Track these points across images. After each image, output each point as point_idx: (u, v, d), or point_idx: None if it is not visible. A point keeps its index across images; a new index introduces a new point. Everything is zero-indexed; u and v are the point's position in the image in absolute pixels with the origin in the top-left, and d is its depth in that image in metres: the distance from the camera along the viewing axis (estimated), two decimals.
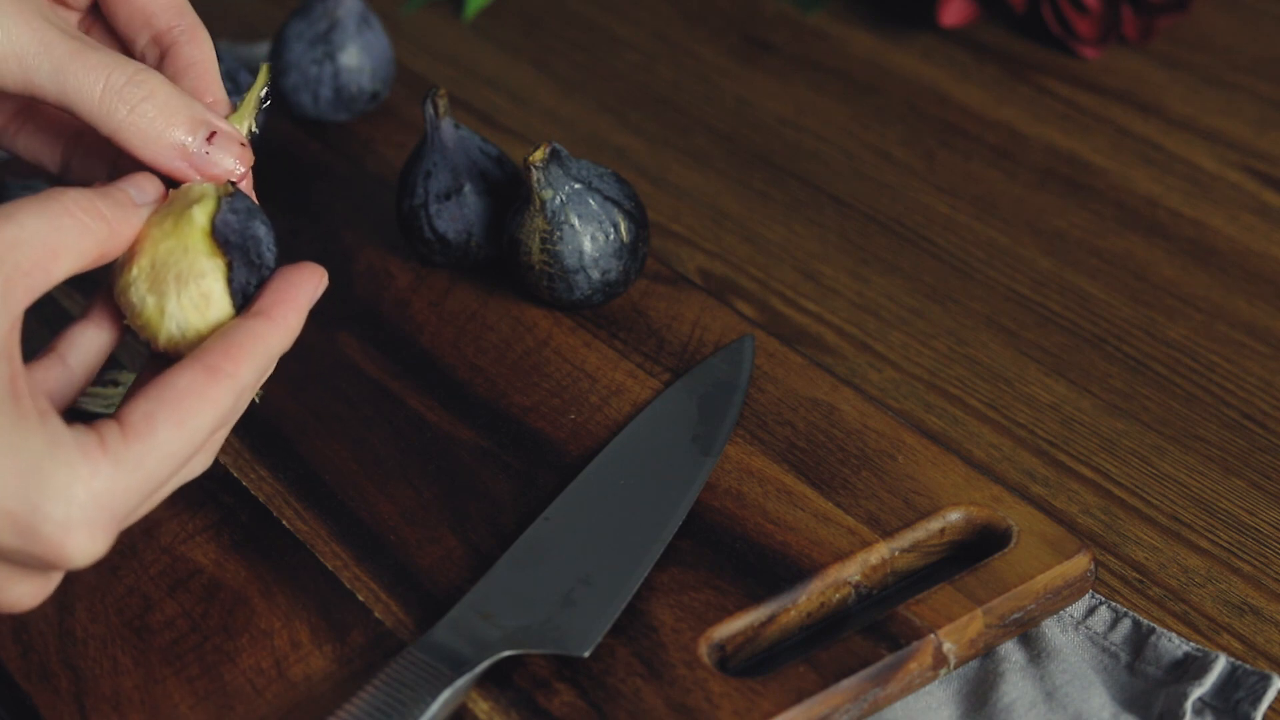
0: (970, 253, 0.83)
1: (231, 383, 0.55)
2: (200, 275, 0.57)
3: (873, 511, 0.64)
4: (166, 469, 0.54)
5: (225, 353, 0.55)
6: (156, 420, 0.54)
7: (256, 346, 0.56)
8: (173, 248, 0.57)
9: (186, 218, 0.57)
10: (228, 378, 0.55)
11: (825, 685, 0.58)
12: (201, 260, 0.57)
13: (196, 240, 0.57)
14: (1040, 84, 0.96)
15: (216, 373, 0.55)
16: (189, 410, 0.54)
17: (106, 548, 0.53)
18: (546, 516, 0.64)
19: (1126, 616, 0.63)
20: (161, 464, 0.54)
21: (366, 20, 0.87)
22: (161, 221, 0.58)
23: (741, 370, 0.71)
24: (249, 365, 0.55)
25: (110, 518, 0.53)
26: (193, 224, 0.57)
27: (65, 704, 0.59)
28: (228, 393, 0.55)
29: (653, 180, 0.89)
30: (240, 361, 0.55)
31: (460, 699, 0.57)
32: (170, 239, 0.57)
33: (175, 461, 0.54)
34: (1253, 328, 0.77)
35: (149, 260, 0.57)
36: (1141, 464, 0.70)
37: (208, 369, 0.55)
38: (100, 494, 0.52)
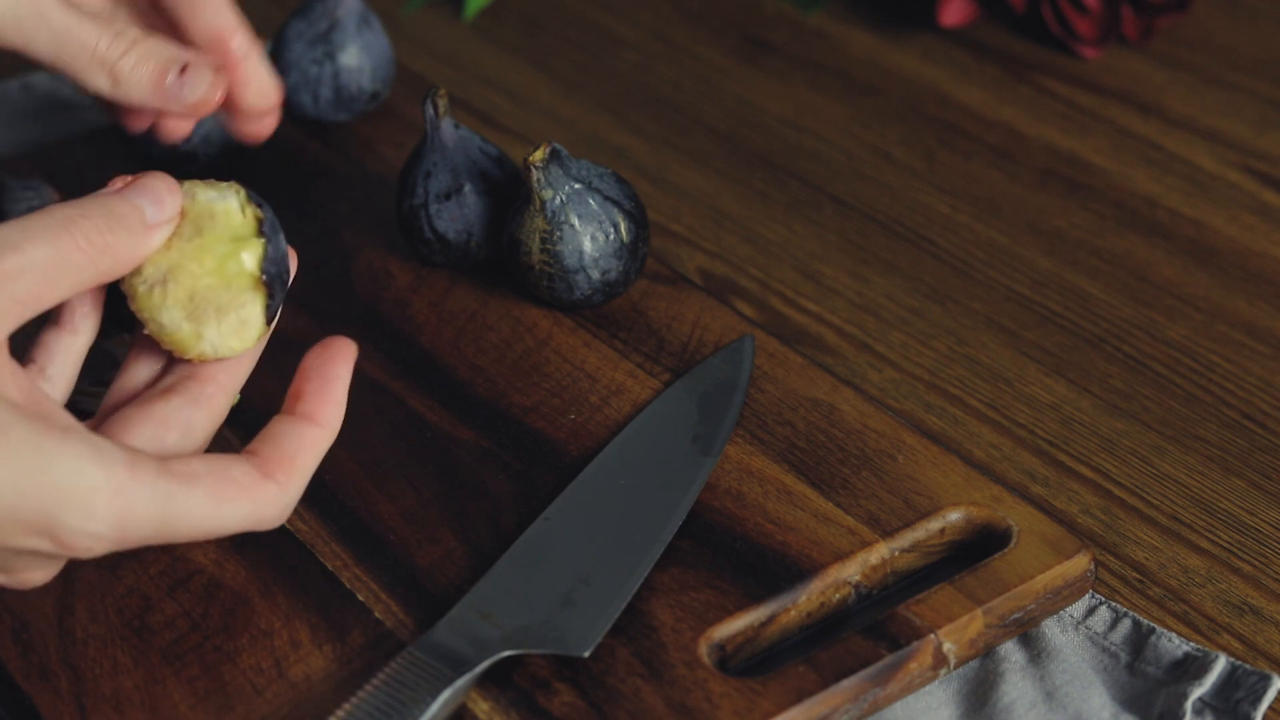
0: (970, 253, 0.83)
1: (279, 494, 0.56)
2: (241, 306, 0.58)
3: (873, 511, 0.64)
4: (184, 525, 0.54)
5: (279, 463, 0.56)
6: (197, 482, 0.54)
7: (306, 456, 0.57)
8: (214, 285, 0.57)
9: (230, 262, 0.57)
10: (277, 488, 0.56)
11: (825, 685, 0.58)
12: (244, 294, 0.58)
13: (243, 283, 0.58)
14: (1040, 84, 0.96)
15: (270, 481, 0.56)
16: (230, 495, 0.55)
17: (115, 548, 0.54)
18: (546, 516, 0.64)
19: (1126, 616, 0.63)
20: (183, 517, 0.54)
21: (366, 20, 0.87)
22: (195, 254, 0.57)
23: (741, 370, 0.71)
24: (301, 476, 0.57)
25: (122, 534, 0.53)
26: (240, 267, 0.58)
27: (65, 704, 0.59)
28: (272, 501, 0.56)
29: (653, 180, 0.89)
30: (292, 475, 0.56)
31: (460, 699, 0.57)
32: (212, 277, 0.57)
33: (194, 526, 0.54)
34: (1253, 328, 0.77)
35: (186, 293, 0.57)
36: (1141, 464, 0.70)
37: (264, 475, 0.56)
38: (118, 510, 0.53)
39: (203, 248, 0.57)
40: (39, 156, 0.87)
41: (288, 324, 0.74)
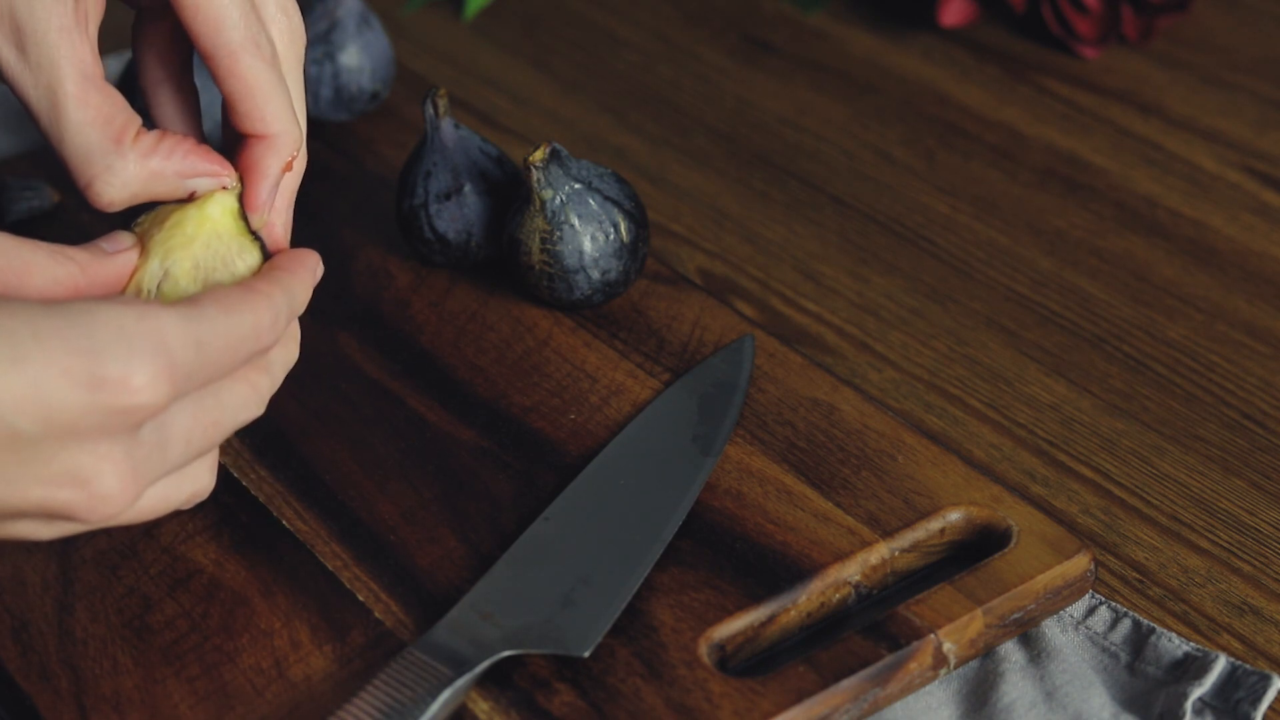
0: (970, 253, 0.83)
1: (268, 300, 0.56)
2: (242, 251, 0.59)
3: (873, 511, 0.64)
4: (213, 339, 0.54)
5: (260, 278, 0.57)
6: (202, 301, 0.54)
7: (283, 278, 0.58)
8: (209, 241, 0.59)
9: (207, 212, 0.59)
10: (264, 295, 0.56)
11: (825, 685, 0.58)
12: (239, 240, 0.59)
13: (229, 222, 0.59)
14: (1040, 84, 0.96)
15: (253, 290, 0.56)
16: (232, 304, 0.55)
17: (172, 392, 0.52)
18: (546, 516, 0.64)
19: (1126, 616, 0.63)
20: (208, 332, 0.54)
21: (366, 20, 0.87)
22: (168, 240, 0.59)
23: (741, 370, 0.71)
24: (280, 290, 0.57)
25: (169, 357, 0.52)
26: (221, 207, 0.59)
27: (65, 704, 0.59)
28: (267, 307, 0.56)
29: (653, 180, 0.89)
30: (273, 285, 0.57)
31: (460, 699, 0.57)
32: (199, 240, 0.59)
33: (222, 340, 0.54)
34: (1253, 328, 0.77)
35: (190, 264, 0.58)
36: (1141, 464, 0.70)
37: (245, 288, 0.56)
38: (152, 330, 0.52)
39: (178, 221, 0.59)
40: (39, 156, 0.87)
41: None
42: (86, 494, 0.52)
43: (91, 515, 0.53)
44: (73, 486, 0.52)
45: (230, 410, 0.57)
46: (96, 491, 0.52)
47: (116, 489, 0.53)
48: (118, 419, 0.52)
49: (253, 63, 0.60)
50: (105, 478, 0.52)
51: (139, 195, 0.60)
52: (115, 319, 0.52)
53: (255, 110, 0.60)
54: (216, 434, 0.56)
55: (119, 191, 0.59)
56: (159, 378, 0.52)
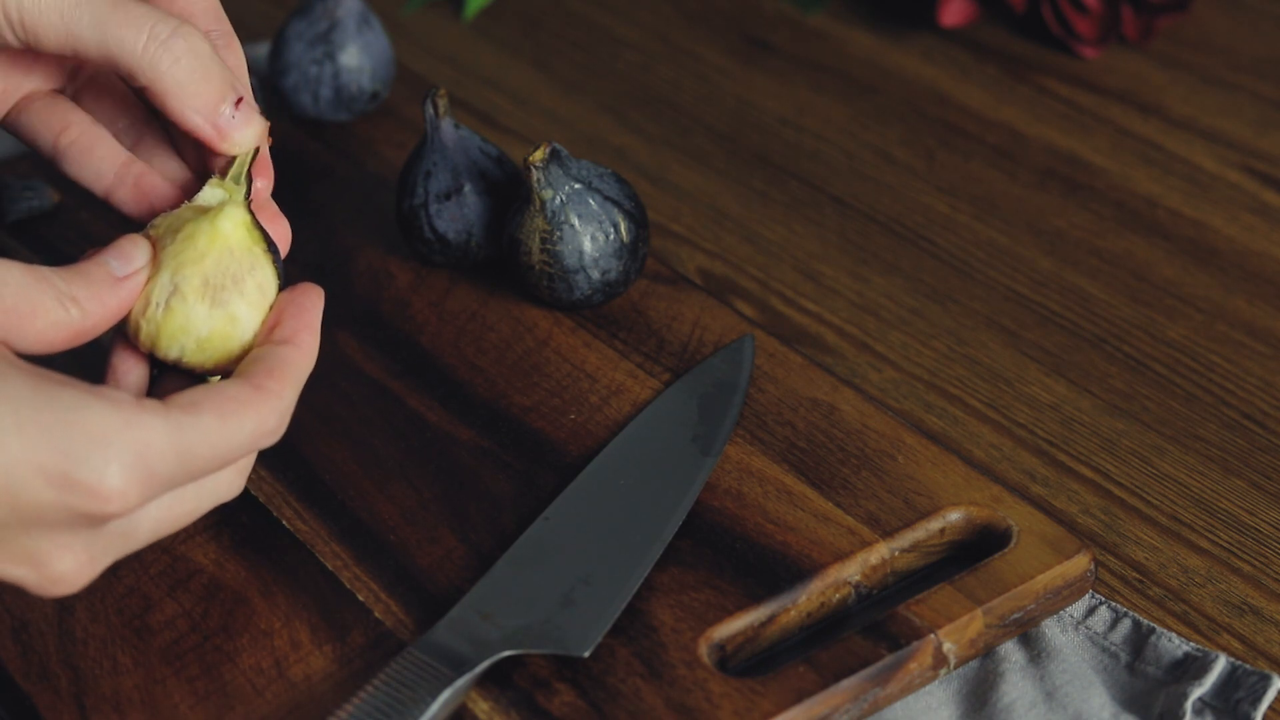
0: (970, 253, 0.83)
1: (276, 402, 0.55)
2: (252, 267, 0.58)
3: (873, 511, 0.64)
4: (202, 451, 0.54)
5: (269, 373, 0.56)
6: (202, 407, 0.54)
7: (290, 371, 0.57)
8: (219, 256, 0.58)
9: (219, 227, 0.58)
10: (274, 396, 0.55)
11: (825, 685, 0.58)
12: (247, 253, 0.58)
13: (241, 236, 0.58)
14: (1040, 84, 0.96)
15: (263, 390, 0.55)
16: (234, 411, 0.54)
17: (142, 499, 0.52)
18: (546, 516, 0.64)
19: (1126, 616, 0.63)
20: (198, 443, 0.53)
21: (366, 20, 0.87)
22: (180, 253, 0.58)
23: (741, 370, 0.71)
24: (290, 387, 0.56)
25: (146, 471, 0.52)
26: (232, 221, 0.58)
27: (65, 704, 0.59)
28: (272, 410, 0.55)
29: (653, 180, 0.89)
30: (284, 382, 0.56)
31: (460, 699, 0.57)
32: (209, 256, 0.58)
33: (212, 451, 0.54)
34: (1253, 328, 0.77)
35: (199, 281, 0.57)
36: (1141, 464, 0.70)
37: (255, 387, 0.55)
38: (135, 441, 0.52)
39: (190, 235, 0.58)
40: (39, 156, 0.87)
41: None
42: (39, 575, 0.54)
43: (43, 592, 0.54)
44: (28, 565, 0.53)
45: (208, 496, 0.57)
46: (49, 574, 0.54)
47: (71, 573, 0.54)
48: (85, 519, 0.52)
49: (239, 48, 0.62)
50: (62, 563, 0.53)
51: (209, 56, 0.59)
52: (100, 422, 0.52)
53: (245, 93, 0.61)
54: (190, 518, 0.57)
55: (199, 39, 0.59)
56: (131, 489, 0.52)
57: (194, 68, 0.59)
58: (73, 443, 0.51)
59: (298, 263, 0.78)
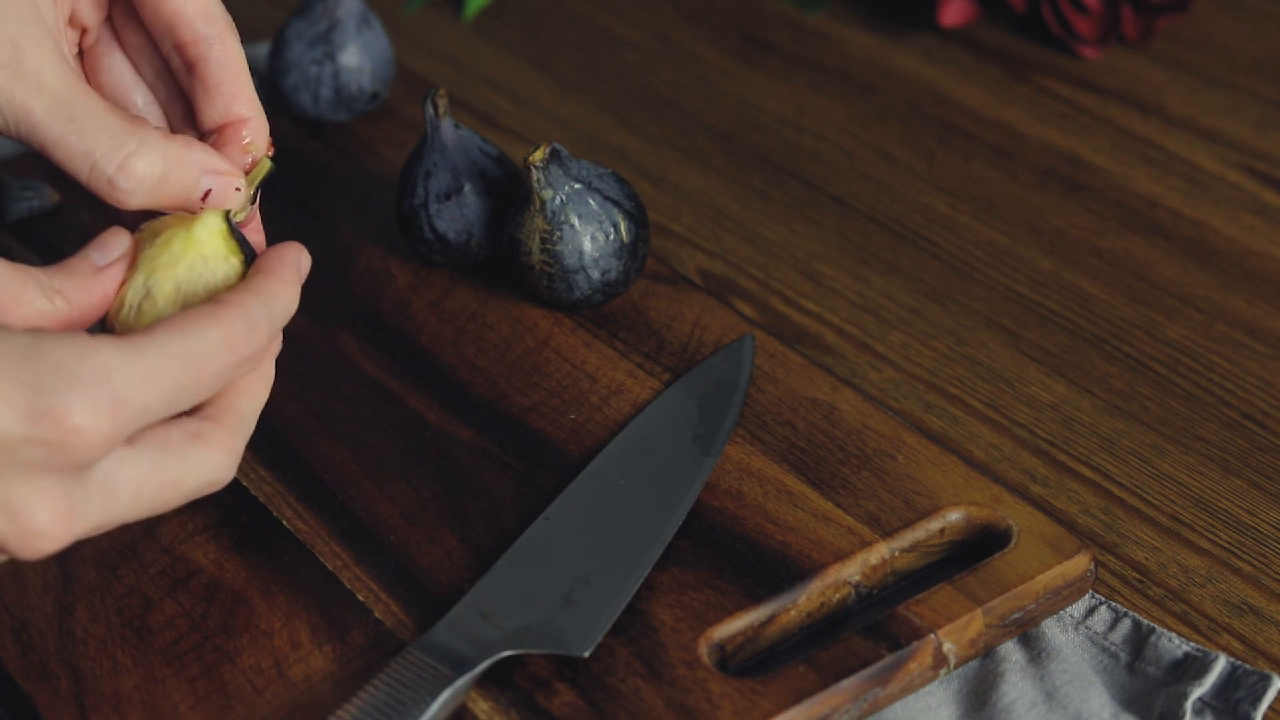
0: (970, 253, 0.83)
1: (239, 311, 0.55)
2: (226, 277, 0.58)
3: (873, 511, 0.64)
4: (167, 366, 0.53)
5: (231, 290, 0.56)
6: (156, 327, 0.54)
7: (258, 284, 0.57)
8: (192, 263, 0.58)
9: (194, 234, 0.58)
10: (234, 306, 0.55)
11: (825, 685, 0.58)
12: (222, 263, 0.58)
13: (216, 245, 0.58)
14: (1040, 84, 0.96)
15: (221, 302, 0.55)
16: (191, 323, 0.54)
17: (115, 427, 0.52)
18: (546, 516, 0.64)
19: (1126, 616, 0.63)
20: (160, 358, 0.53)
21: (366, 20, 0.87)
22: (156, 257, 0.58)
23: (741, 370, 0.71)
24: (254, 298, 0.56)
25: (111, 393, 0.52)
26: (208, 229, 0.58)
27: (65, 704, 0.59)
28: (234, 318, 0.55)
29: (653, 180, 0.89)
30: (245, 294, 0.56)
31: (460, 699, 0.57)
32: (185, 256, 0.58)
33: (176, 363, 0.53)
34: (1253, 328, 0.77)
35: (171, 287, 0.58)
36: (1141, 464, 0.70)
37: (214, 300, 0.55)
38: (99, 368, 0.51)
39: (167, 239, 0.58)
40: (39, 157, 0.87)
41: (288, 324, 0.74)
42: (16, 527, 0.52)
43: (21, 549, 0.53)
44: (4, 516, 0.52)
45: (194, 471, 0.56)
46: (27, 525, 0.52)
47: (48, 525, 0.52)
48: (59, 455, 0.51)
49: (236, 44, 0.61)
50: (38, 512, 0.52)
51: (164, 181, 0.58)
52: (60, 354, 0.51)
53: (241, 91, 0.61)
54: (174, 495, 0.56)
55: (150, 168, 0.58)
56: (100, 412, 0.51)
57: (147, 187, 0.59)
58: (38, 375, 0.51)
59: None
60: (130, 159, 0.58)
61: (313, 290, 0.76)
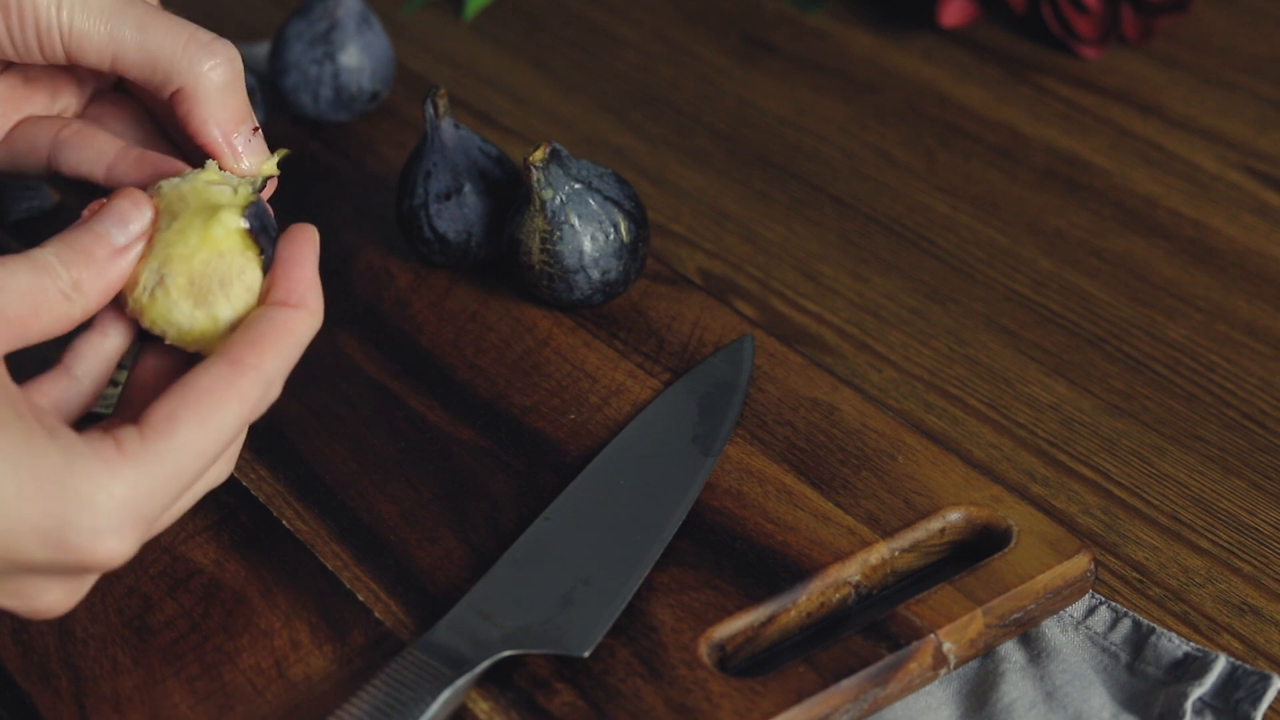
0: (970, 253, 0.83)
1: (256, 375, 0.55)
2: (242, 271, 0.57)
3: (873, 511, 0.64)
4: (192, 467, 0.54)
5: (249, 345, 0.55)
6: (179, 419, 0.53)
7: (280, 336, 0.56)
8: (208, 258, 0.57)
9: (213, 225, 0.58)
10: (252, 369, 0.54)
11: (825, 685, 0.58)
12: (239, 258, 0.57)
13: (233, 242, 0.57)
14: (1040, 84, 0.96)
15: (240, 365, 0.54)
16: (213, 406, 0.54)
17: (137, 547, 0.53)
18: (546, 516, 0.64)
19: (1126, 616, 0.63)
20: (186, 462, 0.53)
21: (366, 20, 0.87)
22: (171, 245, 0.57)
23: (741, 370, 0.71)
24: (273, 355, 0.55)
25: (138, 519, 0.53)
26: (225, 228, 0.58)
27: (65, 704, 0.59)
28: (253, 385, 0.54)
29: (653, 180, 0.89)
30: (264, 353, 0.55)
31: (460, 699, 0.57)
32: (203, 250, 0.57)
33: (201, 459, 0.54)
34: (1253, 328, 0.77)
35: (185, 280, 0.57)
36: (1141, 464, 0.70)
37: (232, 363, 0.54)
38: (125, 498, 0.52)
39: (184, 228, 0.57)
40: None
41: None
42: (26, 606, 0.55)
43: (30, 618, 0.56)
44: (15, 599, 0.55)
45: (200, 494, 0.58)
46: (35, 606, 0.55)
47: (57, 604, 0.56)
48: (81, 571, 0.54)
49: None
50: (48, 597, 0.55)
51: None
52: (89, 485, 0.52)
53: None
54: (179, 515, 0.58)
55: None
56: (125, 539, 0.53)
57: (229, 77, 0.60)
58: (66, 506, 0.52)
59: None
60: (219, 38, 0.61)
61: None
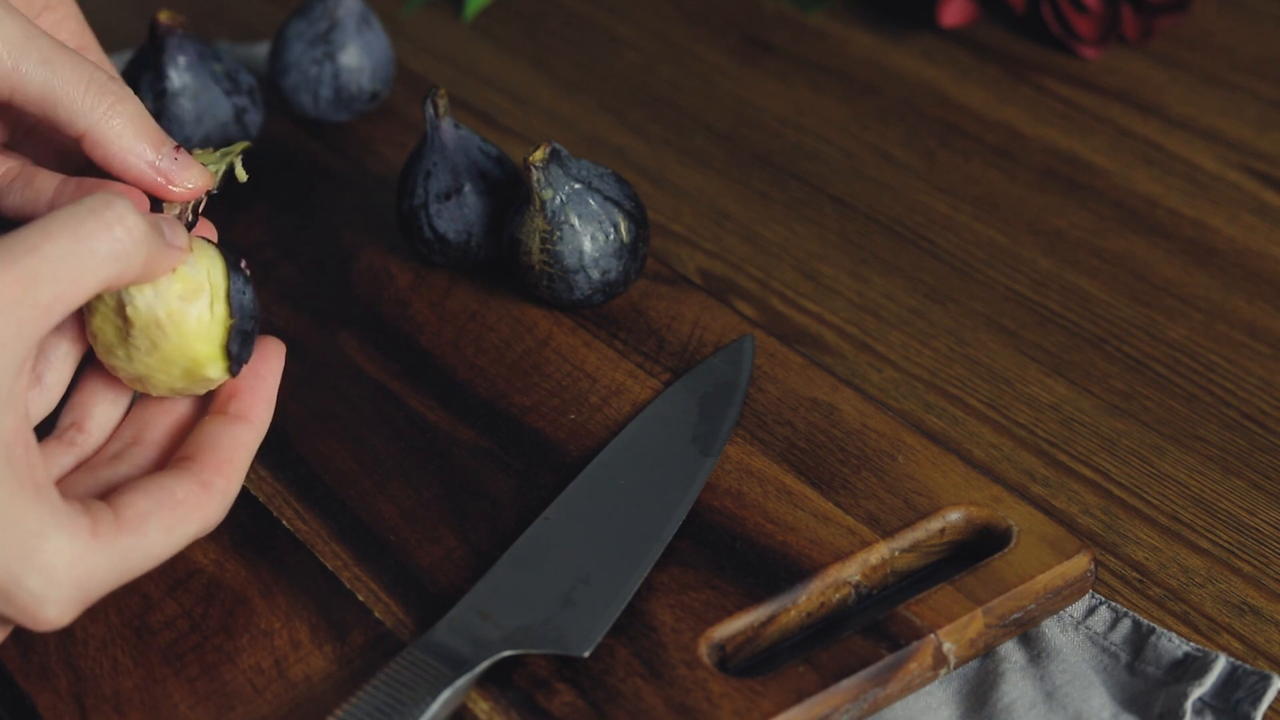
0: (970, 253, 0.83)
1: (222, 499, 0.58)
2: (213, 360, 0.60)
3: (873, 511, 0.64)
4: (144, 566, 0.57)
5: (218, 468, 0.59)
6: (149, 523, 0.56)
7: (242, 455, 0.60)
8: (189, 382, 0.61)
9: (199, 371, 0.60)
10: (220, 494, 0.58)
11: (825, 685, 0.58)
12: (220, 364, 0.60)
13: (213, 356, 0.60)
14: (1040, 84, 0.96)
15: (210, 488, 0.58)
16: (180, 520, 0.57)
17: (76, 615, 0.55)
18: (546, 516, 0.64)
19: (1126, 616, 0.63)
20: (142, 562, 0.56)
21: (366, 20, 0.87)
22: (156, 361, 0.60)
23: (741, 370, 0.71)
24: (238, 478, 0.59)
25: (84, 598, 0.55)
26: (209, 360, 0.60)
27: (65, 704, 0.59)
28: (217, 508, 0.58)
29: (653, 180, 0.89)
30: (231, 477, 0.59)
31: (460, 699, 0.57)
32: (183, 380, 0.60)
33: (153, 561, 0.57)
34: (1253, 328, 0.77)
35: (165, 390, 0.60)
36: (1141, 464, 0.70)
37: (203, 485, 0.58)
38: (80, 578, 0.54)
39: (165, 359, 0.60)
40: None
41: (288, 324, 0.75)
42: None
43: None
44: None
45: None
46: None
47: None
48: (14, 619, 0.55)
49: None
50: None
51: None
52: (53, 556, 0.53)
53: None
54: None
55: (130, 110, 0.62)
56: (65, 615, 0.55)
57: (132, 112, 0.61)
58: (25, 568, 0.53)
59: (298, 263, 0.79)
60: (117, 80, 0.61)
61: (313, 290, 0.77)
